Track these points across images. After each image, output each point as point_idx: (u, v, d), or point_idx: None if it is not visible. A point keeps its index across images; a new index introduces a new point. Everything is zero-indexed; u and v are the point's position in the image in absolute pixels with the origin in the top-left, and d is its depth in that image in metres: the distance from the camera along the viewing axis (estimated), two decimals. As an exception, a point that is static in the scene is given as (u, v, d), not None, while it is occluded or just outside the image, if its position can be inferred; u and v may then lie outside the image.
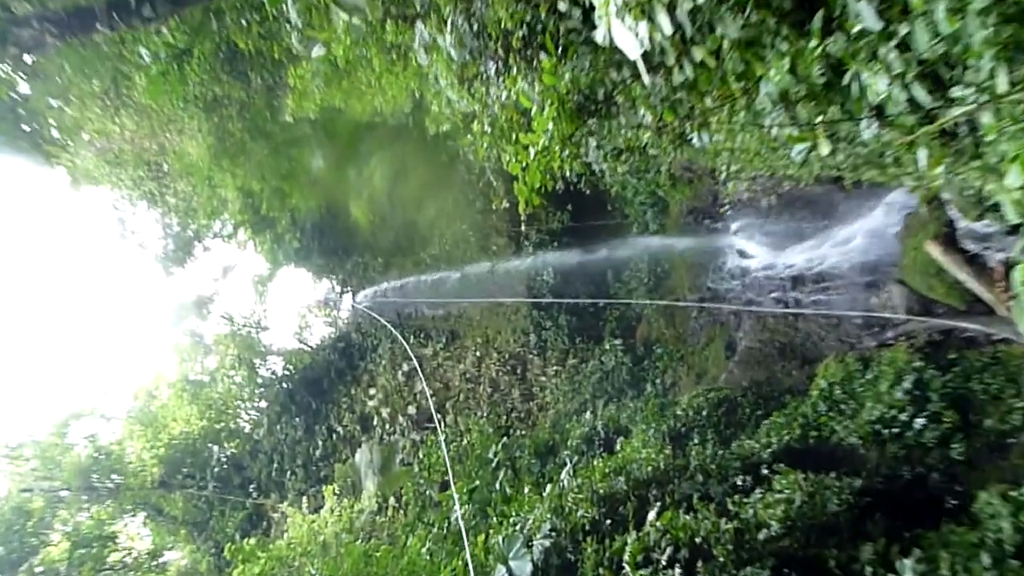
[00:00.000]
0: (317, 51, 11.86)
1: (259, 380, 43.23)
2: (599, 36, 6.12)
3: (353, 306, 41.39)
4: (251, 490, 40.37)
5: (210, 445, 42.15)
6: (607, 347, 30.42)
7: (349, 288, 42.21)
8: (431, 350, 37.72)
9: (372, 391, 39.29)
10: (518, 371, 35.07)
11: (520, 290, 34.53)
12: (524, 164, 9.25)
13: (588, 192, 26.03)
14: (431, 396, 34.23)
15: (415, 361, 34.64)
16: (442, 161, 30.20)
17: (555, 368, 33.43)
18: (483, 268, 34.85)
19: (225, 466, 41.43)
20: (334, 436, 39.65)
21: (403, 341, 34.62)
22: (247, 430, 43.27)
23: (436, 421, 28.47)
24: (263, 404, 43.21)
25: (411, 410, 37.30)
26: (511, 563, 13.05)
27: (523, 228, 33.81)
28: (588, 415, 27.02)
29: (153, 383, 44.85)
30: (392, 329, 34.85)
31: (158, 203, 35.24)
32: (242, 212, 33.56)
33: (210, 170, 27.79)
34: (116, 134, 25.33)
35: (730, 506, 13.11)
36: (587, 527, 13.69)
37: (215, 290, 43.97)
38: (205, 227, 36.94)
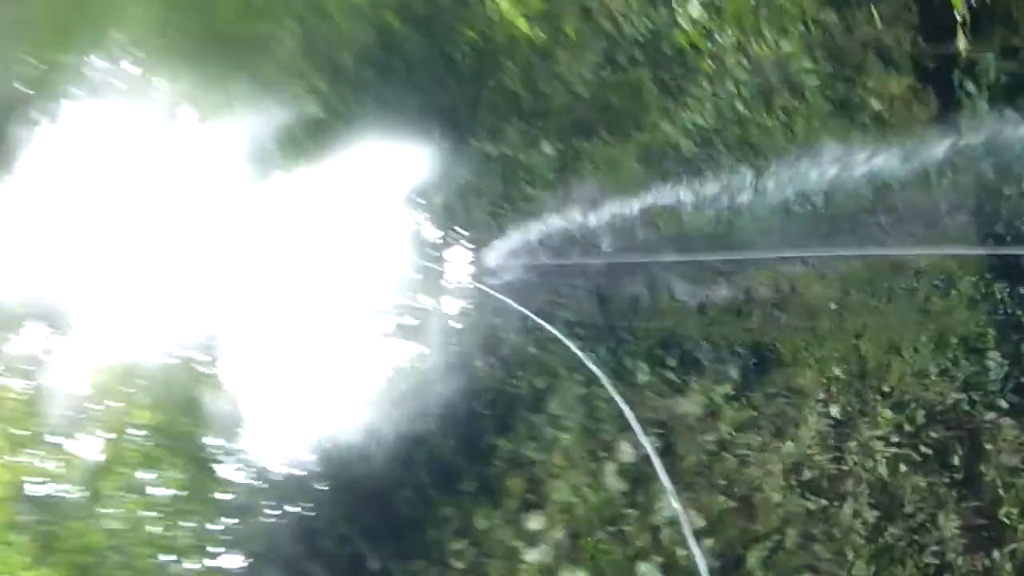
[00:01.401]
0: None
1: (218, 495, 33.03)
2: None
3: (476, 285, 32.55)
4: None
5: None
6: None
7: (463, 234, 33.31)
8: (698, 401, 29.22)
9: (534, 519, 30.25)
10: (952, 458, 27.16)
11: (953, 225, 27.20)
12: None
13: None
14: (702, 530, 26.89)
15: (649, 437, 26.39)
16: None
17: (1060, 452, 28.98)
18: (844, 165, 26.52)
19: None
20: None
21: (606, 377, 25.67)
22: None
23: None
24: (235, 558, 34.84)
25: (644, 568, 30.52)
26: None
27: (961, 46, 25.73)
28: None
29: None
30: (571, 344, 26.71)
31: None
32: (158, 25, 27.54)
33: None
34: None
35: None
36: None
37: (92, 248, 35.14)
38: (64, 73, 29.90)
